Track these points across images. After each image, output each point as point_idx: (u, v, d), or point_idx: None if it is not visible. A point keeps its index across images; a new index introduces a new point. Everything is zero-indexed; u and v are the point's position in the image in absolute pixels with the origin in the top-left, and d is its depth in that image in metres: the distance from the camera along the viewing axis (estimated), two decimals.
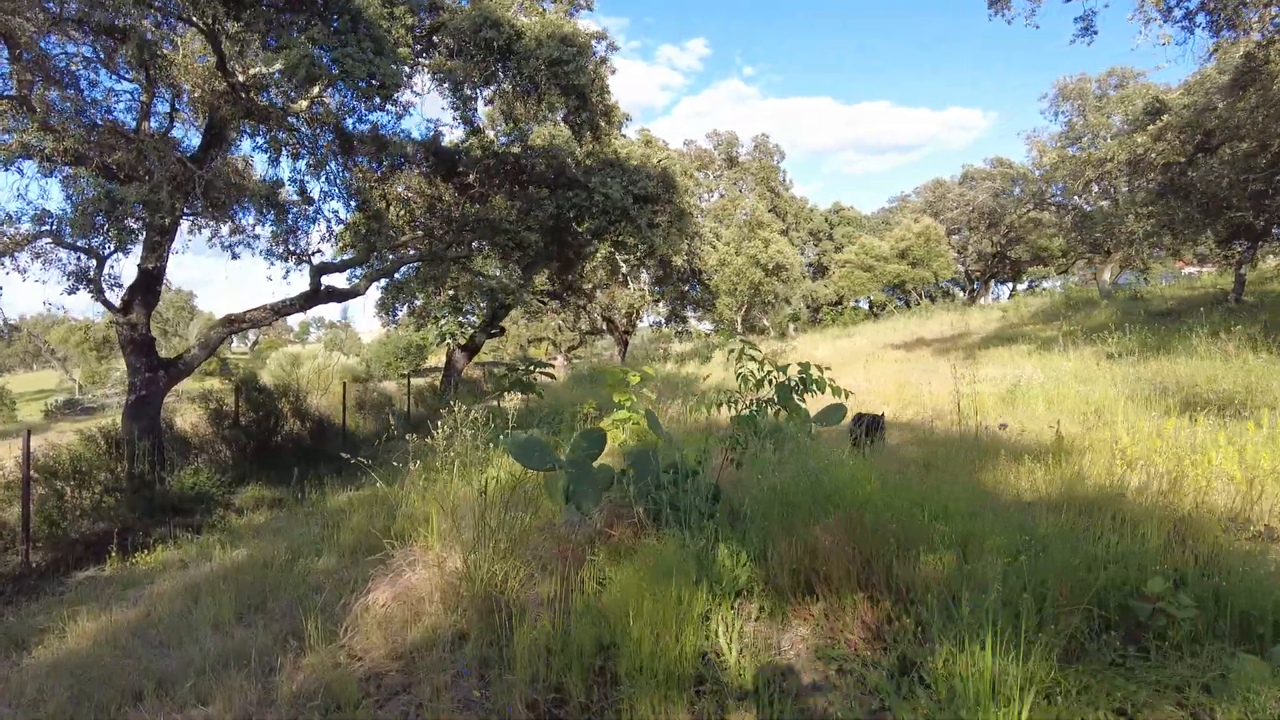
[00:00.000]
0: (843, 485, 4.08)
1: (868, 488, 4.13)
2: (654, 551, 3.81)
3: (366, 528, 7.49)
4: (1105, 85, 35.99)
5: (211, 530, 8.87)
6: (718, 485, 4.84)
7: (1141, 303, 27.64)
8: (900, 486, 4.39)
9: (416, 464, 8.46)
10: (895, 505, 3.90)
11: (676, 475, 4.94)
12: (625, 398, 11.18)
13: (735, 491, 4.86)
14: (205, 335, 10.60)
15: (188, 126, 10.79)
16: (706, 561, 3.67)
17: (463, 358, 23.22)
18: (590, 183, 12.33)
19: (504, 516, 5.03)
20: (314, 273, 11.63)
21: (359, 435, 15.60)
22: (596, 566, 4.55)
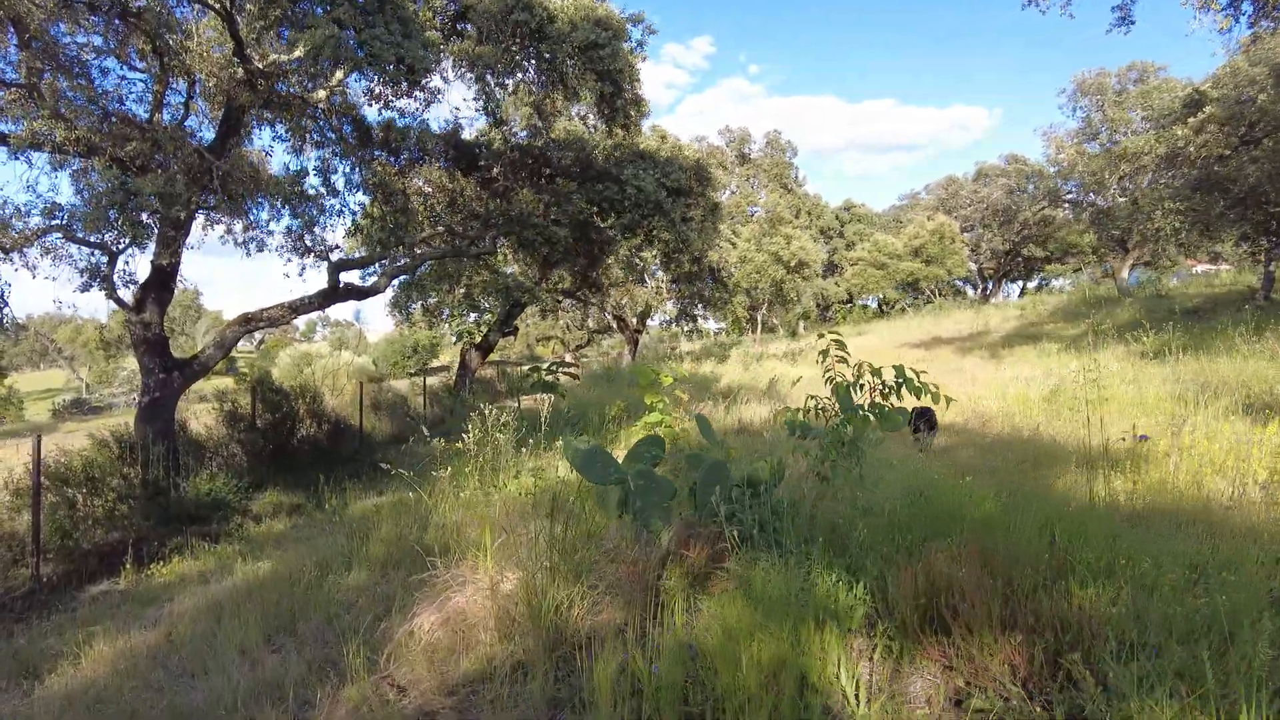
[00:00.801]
0: (958, 503, 3.62)
1: (986, 506, 3.67)
2: (755, 580, 3.35)
3: (396, 538, 7.06)
4: (1125, 80, 35.34)
5: (229, 539, 8.44)
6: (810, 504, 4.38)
7: (1166, 300, 27.09)
8: (1020, 504, 3.92)
9: (446, 470, 8.05)
10: (1021, 526, 3.44)
11: (753, 488, 4.48)
12: (658, 399, 10.73)
13: (823, 508, 4.40)
14: (221, 334, 10.17)
15: (202, 119, 10.36)
16: (817, 593, 3.21)
17: (477, 357, 22.80)
18: (622, 175, 11.86)
19: (564, 534, 4.58)
20: (332, 270, 11.19)
21: (376, 437, 15.18)
22: (669, 591, 4.10)
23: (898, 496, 4.03)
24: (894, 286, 49.88)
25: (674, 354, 33.19)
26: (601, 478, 4.36)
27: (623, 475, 4.37)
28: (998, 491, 4.48)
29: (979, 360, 23.05)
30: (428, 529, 7.20)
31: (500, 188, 12.62)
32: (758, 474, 4.52)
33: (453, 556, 5.29)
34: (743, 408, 13.23)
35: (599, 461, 4.38)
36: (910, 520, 3.59)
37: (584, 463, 4.35)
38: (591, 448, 4.46)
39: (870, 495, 3.98)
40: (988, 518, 3.53)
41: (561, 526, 4.79)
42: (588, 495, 7.98)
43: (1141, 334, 18.43)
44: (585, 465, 4.34)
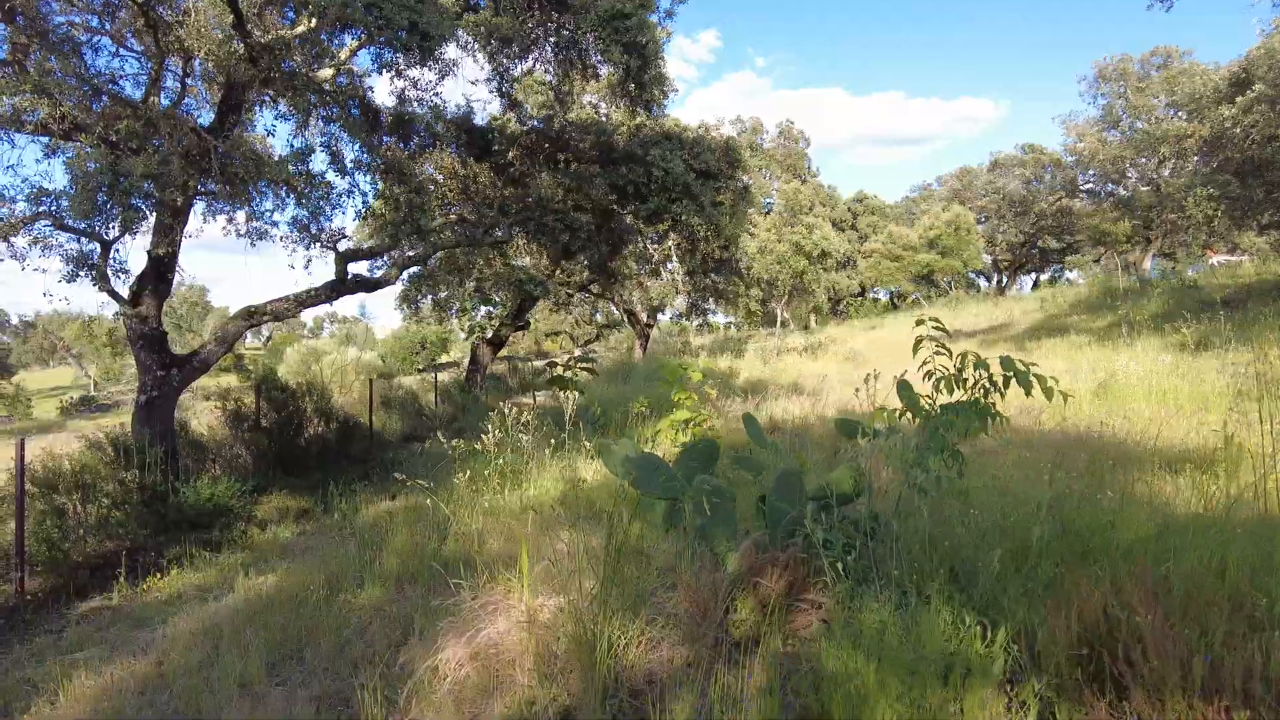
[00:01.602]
0: (1099, 523, 2.98)
1: (1136, 529, 3.03)
2: (865, 623, 2.73)
3: (412, 549, 6.46)
4: (1148, 65, 34.46)
5: (232, 548, 7.87)
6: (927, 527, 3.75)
7: (1195, 291, 26.31)
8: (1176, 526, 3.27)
9: (465, 474, 7.45)
10: (1187, 550, 2.81)
11: (828, 502, 3.87)
12: (685, 396, 10.10)
13: (921, 526, 3.77)
14: (222, 329, 9.59)
15: (201, 103, 9.75)
16: (942, 639, 2.59)
17: (488, 352, 22.23)
18: (649, 156, 11.18)
19: (611, 553, 3.96)
20: (340, 260, 10.58)
21: (386, 436, 14.61)
22: (739, 625, 3.48)
23: (1010, 512, 3.40)
24: (909, 279, 49.01)
25: (687, 349, 32.53)
26: (663, 489, 3.73)
27: (683, 488, 3.74)
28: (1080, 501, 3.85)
29: (1006, 353, 22.34)
30: (447, 539, 6.61)
31: (516, 173, 11.97)
32: (837, 485, 3.90)
33: (480, 577, 4.68)
34: (772, 404, 12.59)
35: (656, 471, 3.75)
36: (1042, 545, 2.96)
37: (638, 473, 3.73)
38: (646, 455, 3.84)
39: (985, 512, 3.34)
40: (1133, 544, 2.89)
41: (604, 541, 4.18)
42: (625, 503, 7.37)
43: (1180, 325, 17.73)
44: (641, 476, 3.72)
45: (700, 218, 11.08)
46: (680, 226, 11.64)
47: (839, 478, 3.91)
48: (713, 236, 12.39)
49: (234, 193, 8.30)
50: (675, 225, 11.78)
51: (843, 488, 3.89)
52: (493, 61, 11.03)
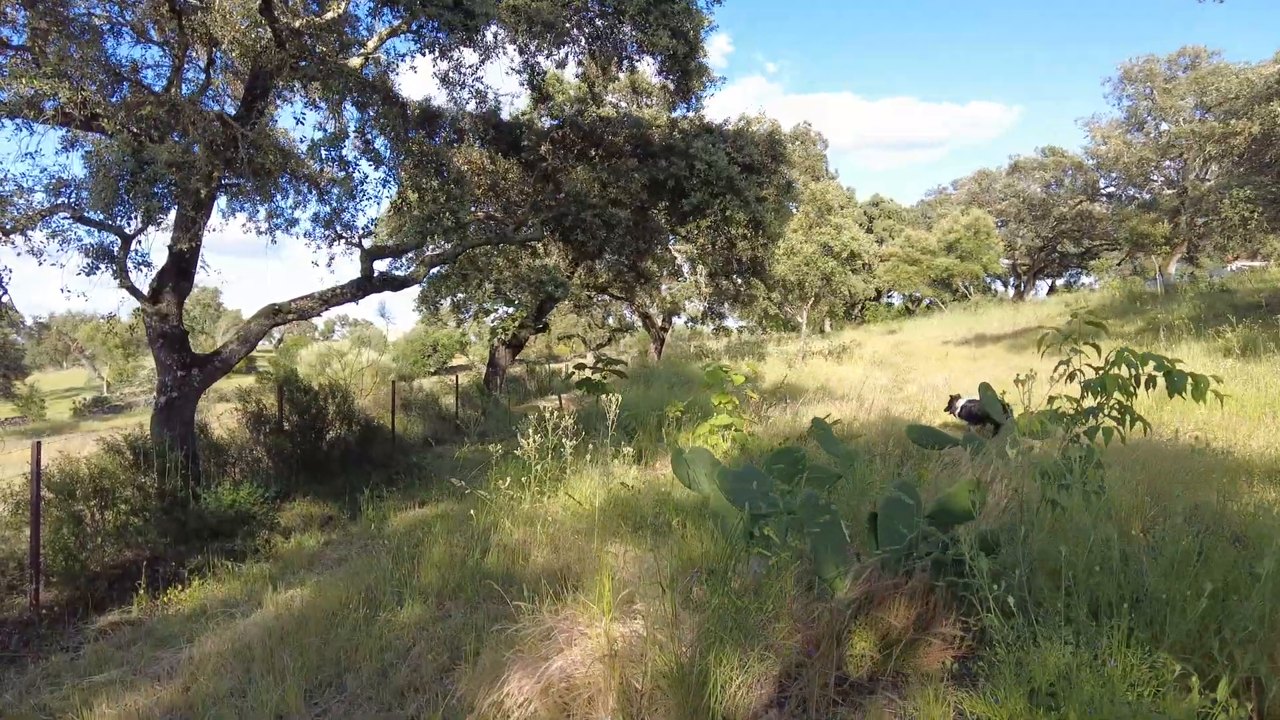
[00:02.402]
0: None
1: None
2: (1034, 668, 2.27)
3: (450, 561, 6.04)
4: (1175, 66, 33.87)
5: (256, 558, 7.46)
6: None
7: (1227, 295, 25.71)
8: None
9: (504, 480, 7.03)
10: None
11: (945, 520, 3.42)
12: (726, 400, 9.66)
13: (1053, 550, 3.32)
14: (245, 327, 9.20)
15: (223, 96, 9.39)
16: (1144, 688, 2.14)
17: (507, 354, 21.86)
18: (691, 148, 10.74)
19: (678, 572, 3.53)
20: (365, 257, 10.19)
21: (408, 439, 14.22)
22: (858, 663, 3.04)
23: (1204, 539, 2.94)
24: (926, 283, 48.37)
25: (707, 353, 32.08)
26: (763, 505, 3.29)
27: (785, 503, 3.30)
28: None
29: (1038, 358, 21.83)
30: (489, 551, 6.19)
31: (548, 168, 11.55)
32: (954, 503, 3.45)
33: (540, 599, 4.25)
34: (811, 409, 12.13)
35: (753, 484, 3.31)
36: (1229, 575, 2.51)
37: (733, 485, 3.28)
38: (745, 468, 3.38)
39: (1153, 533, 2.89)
40: None
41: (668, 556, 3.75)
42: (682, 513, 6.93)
43: (1222, 329, 17.21)
44: (735, 489, 3.28)
45: (745, 213, 10.62)
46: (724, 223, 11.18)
47: (956, 494, 3.46)
48: (755, 234, 11.93)
49: (260, 185, 7.92)
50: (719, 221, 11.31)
51: (960, 505, 3.44)
52: (523, 53, 10.64)
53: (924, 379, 17.50)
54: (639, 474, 8.60)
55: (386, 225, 14.65)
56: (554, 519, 6.97)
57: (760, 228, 11.47)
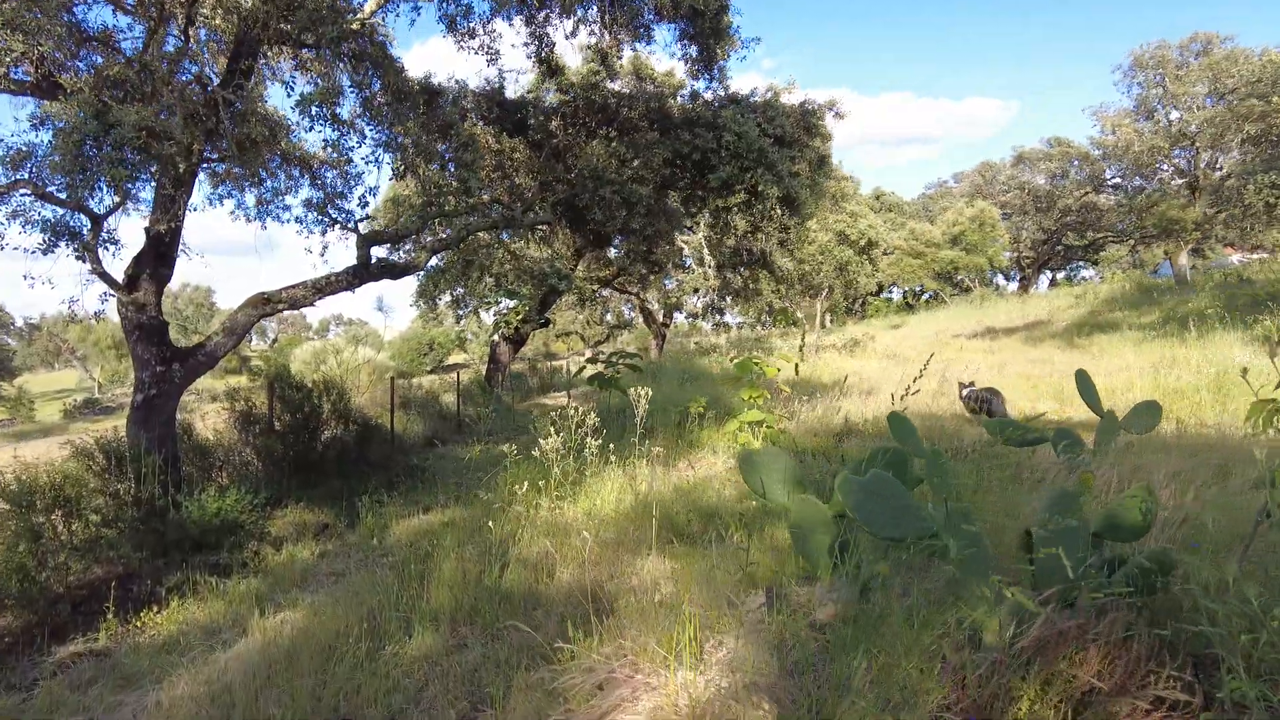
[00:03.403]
0: None
1: None
2: None
3: (464, 580, 5.27)
4: (1187, 52, 33.17)
5: (243, 572, 6.68)
6: None
7: (1248, 285, 25.08)
8: None
9: (521, 485, 6.28)
10: None
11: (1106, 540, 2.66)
12: (756, 395, 8.91)
13: None
14: (232, 318, 8.40)
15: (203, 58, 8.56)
16: None
17: (508, 350, 21.07)
18: (719, 119, 9.92)
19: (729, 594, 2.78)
20: (362, 243, 9.41)
21: (407, 439, 13.44)
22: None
23: None
24: (930, 276, 47.72)
25: (712, 348, 31.33)
26: (901, 528, 2.52)
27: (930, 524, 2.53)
28: None
29: (1057, 351, 21.12)
30: (507, 566, 5.43)
31: (559, 145, 10.75)
32: (1125, 516, 2.69)
33: (573, 624, 3.50)
34: (838, 403, 11.37)
35: (891, 499, 2.54)
36: None
37: (863, 499, 2.52)
38: (873, 475, 2.62)
39: None
40: None
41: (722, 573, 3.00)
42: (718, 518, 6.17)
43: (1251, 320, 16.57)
44: (866, 504, 2.51)
45: (779, 188, 9.83)
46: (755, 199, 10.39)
47: (1125, 506, 2.71)
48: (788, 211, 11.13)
49: (245, 159, 7.12)
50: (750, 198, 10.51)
51: (1130, 519, 2.68)
52: (530, 24, 9.86)
53: (945, 373, 16.74)
54: (664, 476, 7.85)
55: (384, 215, 13.87)
56: (577, 528, 6.22)
57: (794, 205, 10.68)
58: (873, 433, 9.39)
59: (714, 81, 9.85)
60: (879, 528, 2.42)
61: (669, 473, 8.10)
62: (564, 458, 6.89)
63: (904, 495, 2.51)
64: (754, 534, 5.94)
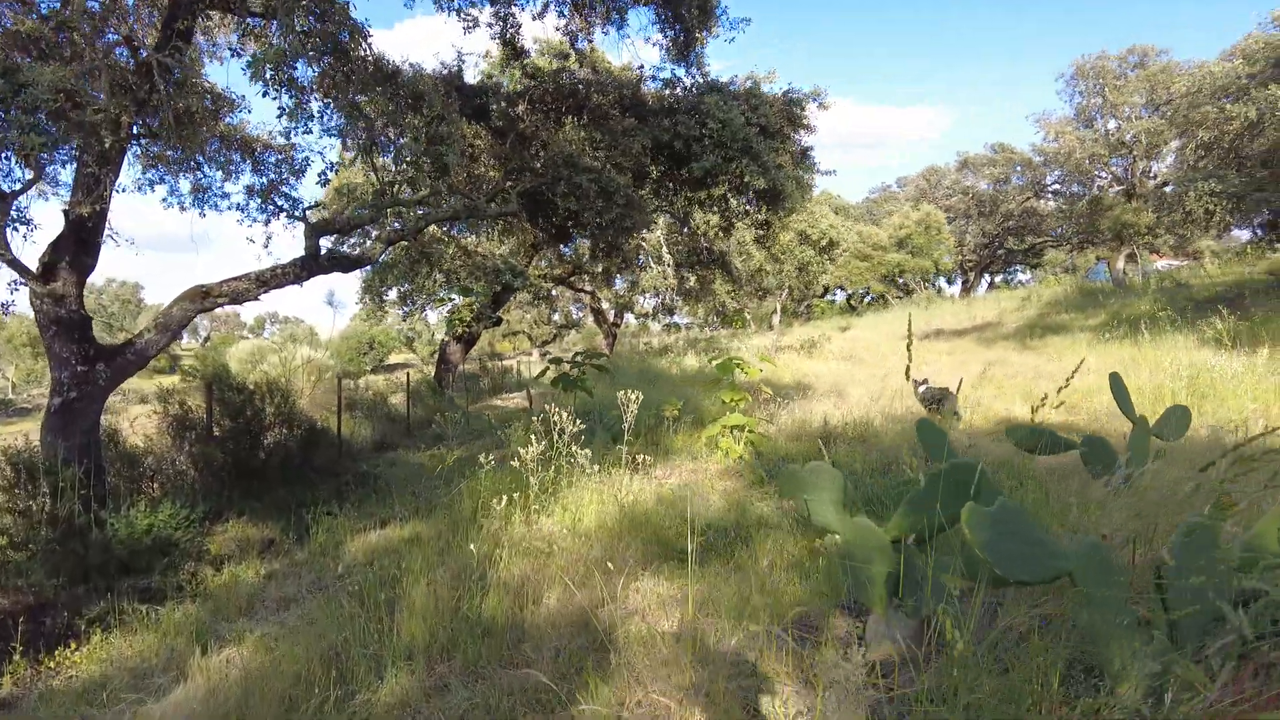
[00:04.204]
0: None
1: None
2: None
3: (436, 608, 4.68)
4: (1125, 64, 34.23)
5: (179, 597, 5.95)
6: None
7: (1185, 289, 25.81)
8: None
9: (500, 500, 5.71)
10: None
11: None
12: (738, 398, 8.47)
13: None
14: (165, 313, 7.57)
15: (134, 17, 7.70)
16: None
17: (458, 350, 20.33)
18: (702, 104, 9.39)
19: None
20: (311, 233, 8.66)
21: (357, 443, 12.66)
22: None
23: None
24: (877, 279, 48.26)
25: (664, 349, 30.94)
26: (1037, 569, 2.05)
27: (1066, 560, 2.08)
28: None
29: (1012, 352, 21.27)
30: (487, 592, 4.85)
31: (525, 131, 10.09)
32: (1264, 542, 2.29)
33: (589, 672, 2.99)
34: (808, 406, 11.01)
35: (1022, 534, 2.08)
36: None
37: (997, 540, 2.04)
38: (1001, 506, 2.14)
39: None
40: None
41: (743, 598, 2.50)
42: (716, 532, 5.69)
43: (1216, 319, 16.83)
44: (1001, 545, 2.03)
45: (765, 179, 9.37)
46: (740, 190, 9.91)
47: (1263, 532, 2.30)
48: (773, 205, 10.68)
49: (185, 137, 6.36)
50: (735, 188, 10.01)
51: (1272, 546, 2.28)
52: (494, 3, 9.23)
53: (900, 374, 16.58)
54: (643, 484, 7.35)
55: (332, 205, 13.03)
56: (560, 545, 5.67)
57: (778, 198, 10.25)
58: (854, 436, 9.05)
59: (691, 68, 9.42)
60: (1014, 570, 1.97)
61: (647, 481, 7.60)
62: (544, 467, 6.34)
63: (1033, 528, 2.06)
64: (751, 547, 5.50)
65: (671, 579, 5.08)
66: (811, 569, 4.53)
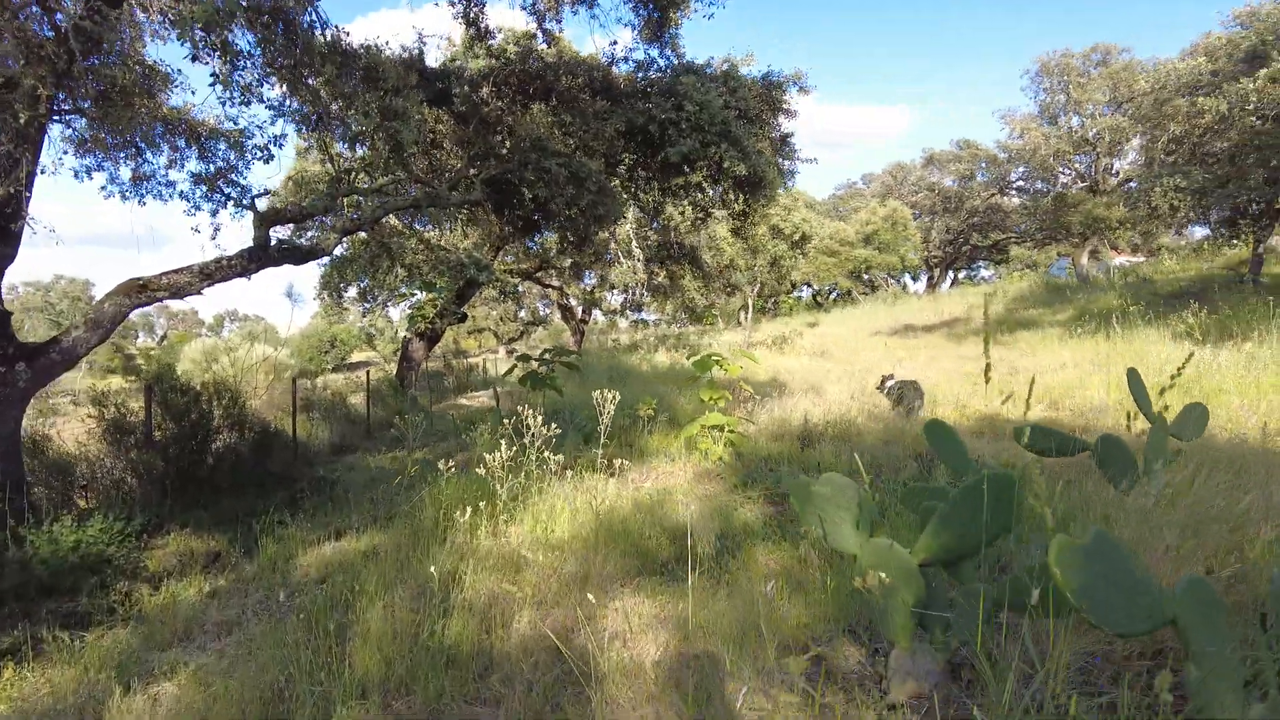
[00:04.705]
0: None
1: None
2: None
3: (393, 633, 4.20)
4: (1088, 62, 34.59)
5: (109, 621, 5.39)
6: None
7: (1149, 285, 26.08)
8: None
9: (465, 512, 5.25)
10: None
11: None
12: (717, 396, 8.07)
13: None
14: (97, 308, 6.93)
15: None
16: None
17: (421, 347, 19.69)
18: (679, 85, 8.88)
19: None
20: (260, 222, 8.07)
21: (313, 446, 12.05)
22: None
23: None
24: (844, 275, 48.32)
25: (633, 345, 30.53)
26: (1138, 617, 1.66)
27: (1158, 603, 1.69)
28: None
29: (981, 348, 21.27)
30: (450, 614, 4.39)
31: (489, 116, 9.53)
32: None
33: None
34: (785, 403, 10.66)
35: (1118, 573, 1.68)
36: None
37: (1094, 583, 1.64)
38: (1098, 539, 1.74)
39: None
40: None
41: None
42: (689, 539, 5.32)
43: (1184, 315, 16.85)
44: (1098, 589, 1.64)
45: (745, 165, 8.91)
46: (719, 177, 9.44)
47: None
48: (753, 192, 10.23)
49: (111, 115, 5.77)
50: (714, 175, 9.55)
51: None
52: None
53: (880, 370, 16.36)
54: (618, 488, 6.92)
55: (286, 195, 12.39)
56: (530, 558, 5.22)
57: (760, 185, 9.82)
58: (834, 435, 8.71)
59: (666, 49, 8.96)
60: (1114, 620, 1.58)
61: (623, 485, 7.17)
62: (513, 473, 5.87)
63: (1128, 564, 1.67)
64: (736, 557, 5.11)
65: (654, 596, 4.67)
66: (810, 584, 4.14)
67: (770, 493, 6.47)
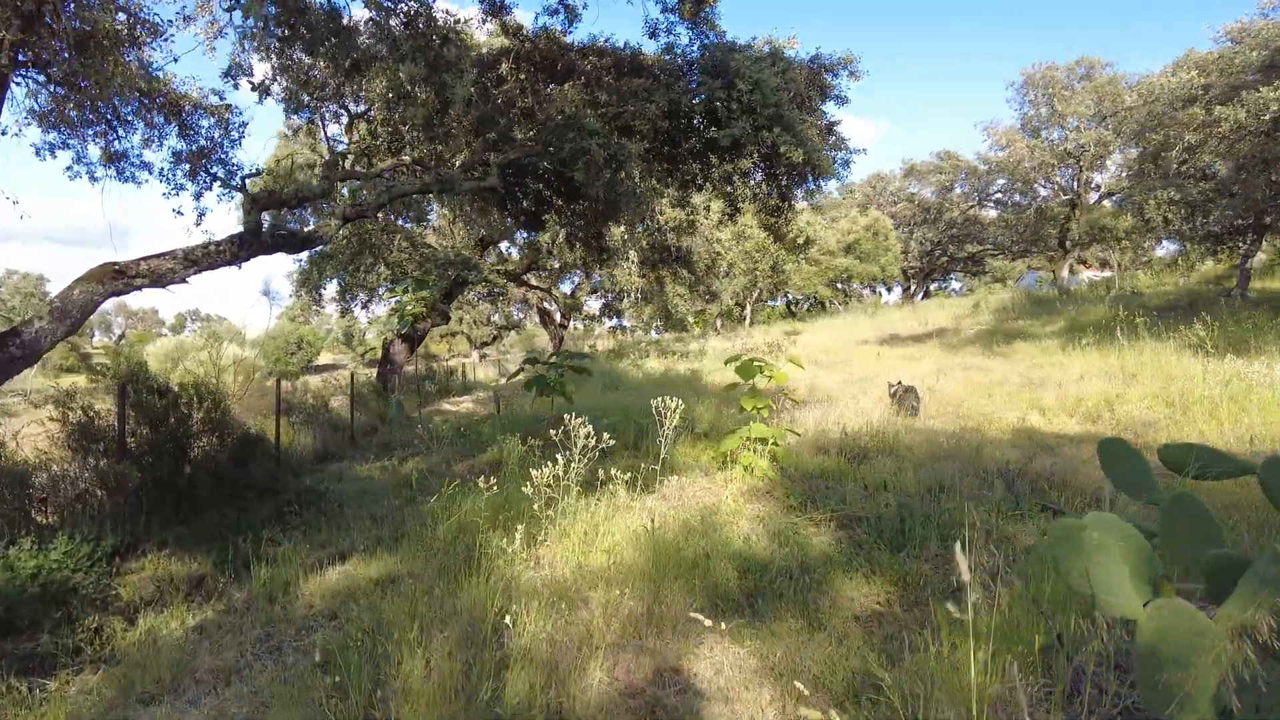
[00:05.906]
0: None
1: None
2: None
3: (441, 693, 3.43)
4: (1072, 75, 34.71)
5: (75, 664, 4.54)
6: None
7: (1138, 297, 26.04)
8: None
9: (516, 532, 4.52)
10: None
11: None
12: (761, 405, 7.38)
13: None
14: (66, 295, 6.04)
15: None
16: None
17: (404, 350, 18.77)
18: (731, 62, 8.11)
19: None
20: (250, 205, 7.22)
21: (297, 454, 11.15)
22: None
23: None
24: (825, 284, 48.10)
25: (618, 351, 29.82)
26: None
27: None
28: None
29: (984, 358, 20.80)
30: (509, 668, 3.63)
31: (510, 91, 8.72)
32: None
33: None
34: (815, 413, 10.01)
35: None
36: None
37: None
38: None
39: None
40: None
41: None
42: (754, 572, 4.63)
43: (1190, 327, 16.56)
44: None
45: (799, 151, 8.18)
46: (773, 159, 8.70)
47: None
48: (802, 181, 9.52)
49: (87, 67, 4.95)
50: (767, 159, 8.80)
51: None
52: None
53: (882, 379, 15.82)
54: (660, 508, 6.19)
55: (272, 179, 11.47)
56: (582, 591, 4.48)
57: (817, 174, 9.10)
58: (879, 448, 8.07)
59: (703, 27, 8.26)
60: None
61: (661, 503, 6.44)
62: (562, 495, 5.13)
63: None
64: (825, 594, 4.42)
65: (742, 641, 3.96)
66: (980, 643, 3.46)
67: (838, 515, 5.77)
